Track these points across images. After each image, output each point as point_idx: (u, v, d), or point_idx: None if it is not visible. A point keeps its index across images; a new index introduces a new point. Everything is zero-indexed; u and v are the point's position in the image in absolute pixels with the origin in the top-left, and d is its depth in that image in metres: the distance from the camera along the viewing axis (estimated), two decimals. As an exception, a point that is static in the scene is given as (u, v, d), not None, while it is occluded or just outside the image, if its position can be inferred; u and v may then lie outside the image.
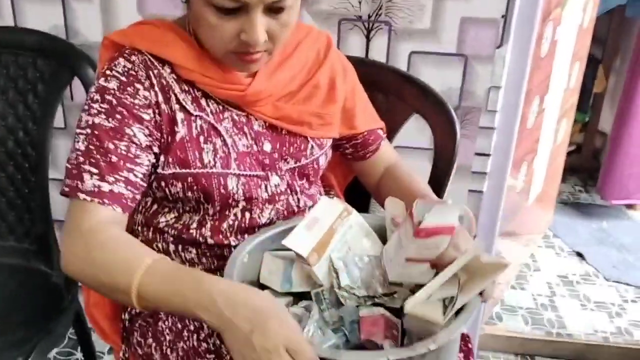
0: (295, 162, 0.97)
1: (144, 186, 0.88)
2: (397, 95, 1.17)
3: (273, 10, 0.81)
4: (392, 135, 1.16)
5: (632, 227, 2.63)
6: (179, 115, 0.89)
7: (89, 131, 0.85)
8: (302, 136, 0.97)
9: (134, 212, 0.99)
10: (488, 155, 1.50)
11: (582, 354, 1.83)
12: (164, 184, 0.90)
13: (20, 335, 1.10)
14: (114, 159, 0.84)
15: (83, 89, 1.19)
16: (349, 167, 1.15)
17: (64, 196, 0.85)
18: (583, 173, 2.99)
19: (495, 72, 1.41)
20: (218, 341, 0.89)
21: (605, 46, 2.80)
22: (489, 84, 1.42)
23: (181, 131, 0.88)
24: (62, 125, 1.56)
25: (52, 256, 1.25)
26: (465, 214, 0.81)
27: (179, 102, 0.89)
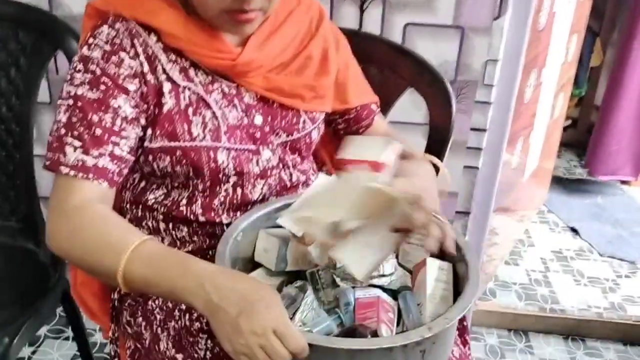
0: (287, 136, 0.95)
1: (131, 160, 0.86)
2: (392, 68, 1.15)
3: None
4: (386, 110, 1.15)
5: (627, 202, 2.63)
6: (166, 85, 0.86)
7: (71, 102, 0.82)
8: (294, 109, 0.95)
9: (122, 190, 0.97)
10: (484, 130, 1.48)
11: (576, 330, 1.84)
12: (151, 158, 0.88)
13: (6, 315, 1.09)
14: (98, 131, 0.81)
15: (68, 62, 1.15)
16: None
17: (47, 170, 0.83)
18: (578, 148, 2.99)
19: (493, 44, 1.38)
20: (209, 321, 0.87)
21: (604, 19, 2.76)
22: (485, 56, 1.40)
23: (168, 102, 0.86)
24: (47, 100, 1.53)
25: (38, 234, 1.24)
26: (441, 170, 0.79)
27: (165, 72, 0.86)
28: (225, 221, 0.92)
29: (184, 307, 0.90)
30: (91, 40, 0.84)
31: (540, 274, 2.12)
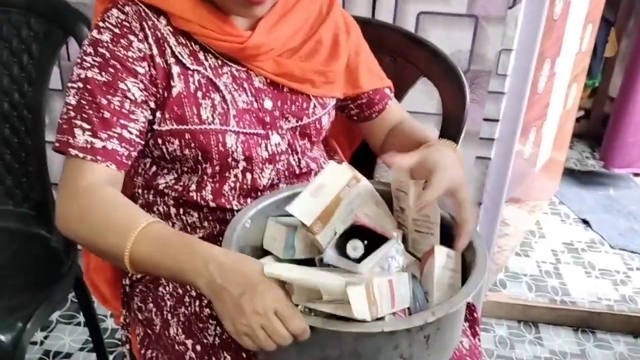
0: (297, 121, 0.94)
1: (140, 143, 0.86)
2: (405, 57, 1.14)
3: None
4: (398, 100, 1.13)
5: (639, 195, 2.60)
6: (175, 69, 0.86)
7: (80, 85, 0.82)
8: (304, 94, 0.94)
9: (134, 175, 0.97)
10: (497, 120, 1.46)
11: (586, 322, 1.83)
12: (160, 142, 0.88)
13: (19, 300, 1.10)
14: (107, 114, 0.82)
15: (79, 49, 1.15)
16: (355, 131, 1.12)
17: (57, 152, 0.84)
18: (591, 140, 2.96)
19: (507, 33, 1.37)
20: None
21: (619, 9, 2.72)
22: (500, 46, 1.38)
23: (177, 86, 0.85)
24: (59, 86, 1.53)
25: (50, 220, 1.24)
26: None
27: (174, 55, 0.86)
28: (236, 207, 0.92)
29: (194, 293, 0.90)
30: (101, 24, 0.84)
31: (550, 265, 2.11)
